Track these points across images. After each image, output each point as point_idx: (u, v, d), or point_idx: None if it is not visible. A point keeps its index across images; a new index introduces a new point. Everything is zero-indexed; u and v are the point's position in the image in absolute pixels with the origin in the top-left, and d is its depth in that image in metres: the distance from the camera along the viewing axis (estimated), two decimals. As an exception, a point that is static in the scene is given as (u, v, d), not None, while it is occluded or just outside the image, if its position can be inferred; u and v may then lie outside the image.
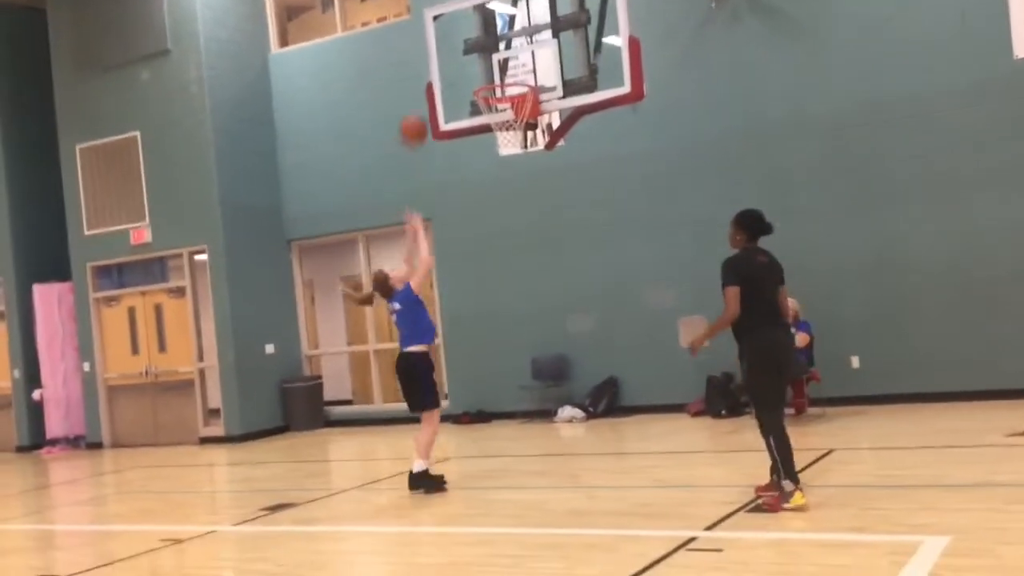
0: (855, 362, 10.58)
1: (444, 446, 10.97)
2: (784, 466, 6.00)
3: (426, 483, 7.71)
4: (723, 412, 10.79)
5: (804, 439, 8.66)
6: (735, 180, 11.11)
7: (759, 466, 6.48)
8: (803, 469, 7.13)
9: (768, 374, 6.20)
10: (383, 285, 7.97)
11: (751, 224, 6.36)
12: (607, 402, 11.90)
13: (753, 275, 6.22)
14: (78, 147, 14.43)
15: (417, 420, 8.04)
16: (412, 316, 7.83)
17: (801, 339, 10.01)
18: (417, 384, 7.81)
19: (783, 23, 11.00)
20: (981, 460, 7.27)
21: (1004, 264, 9.95)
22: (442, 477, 7.93)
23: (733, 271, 6.20)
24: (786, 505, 5.90)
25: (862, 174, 10.61)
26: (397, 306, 7.85)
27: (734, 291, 6.14)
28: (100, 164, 14.31)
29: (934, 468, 7.16)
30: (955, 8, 10.14)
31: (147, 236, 13.98)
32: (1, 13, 15.05)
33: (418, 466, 7.74)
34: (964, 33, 10.10)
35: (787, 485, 5.96)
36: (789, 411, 9.86)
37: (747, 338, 6.23)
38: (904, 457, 7.75)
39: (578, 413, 11.82)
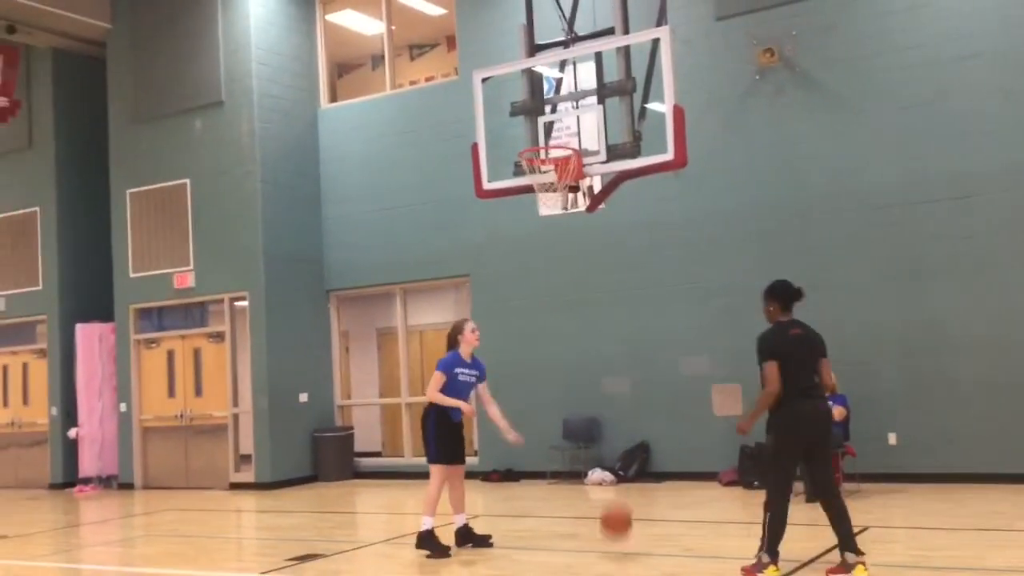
0: (892, 439, 10.44)
1: (473, 504, 10.91)
2: (769, 542, 6.17)
3: (429, 545, 7.65)
4: (755, 483, 10.65)
5: (838, 514, 8.54)
6: (773, 250, 11.13)
7: (790, 540, 6.39)
8: (836, 546, 7.03)
9: (788, 453, 6.27)
10: (452, 337, 7.97)
11: (781, 294, 6.44)
12: (638, 467, 11.80)
13: (785, 348, 6.26)
14: (128, 192, 14.79)
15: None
16: None
17: (838, 413, 9.88)
18: (427, 436, 7.83)
19: (826, 97, 11.09)
20: (1018, 544, 7.12)
21: (1046, 345, 9.83)
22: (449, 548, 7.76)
23: (767, 346, 6.28)
24: (758, 575, 6.14)
25: (901, 250, 10.58)
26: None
27: (772, 367, 6.19)
28: (149, 209, 14.64)
29: (971, 551, 7.02)
30: (999, 88, 10.17)
31: (190, 281, 14.22)
32: (63, 60, 15.57)
33: (425, 524, 7.70)
34: (1007, 113, 10.12)
35: (763, 557, 6.16)
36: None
37: (777, 412, 6.25)
38: (940, 538, 7.60)
39: (608, 476, 11.73)
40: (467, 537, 7.95)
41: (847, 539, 6.15)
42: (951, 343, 10.29)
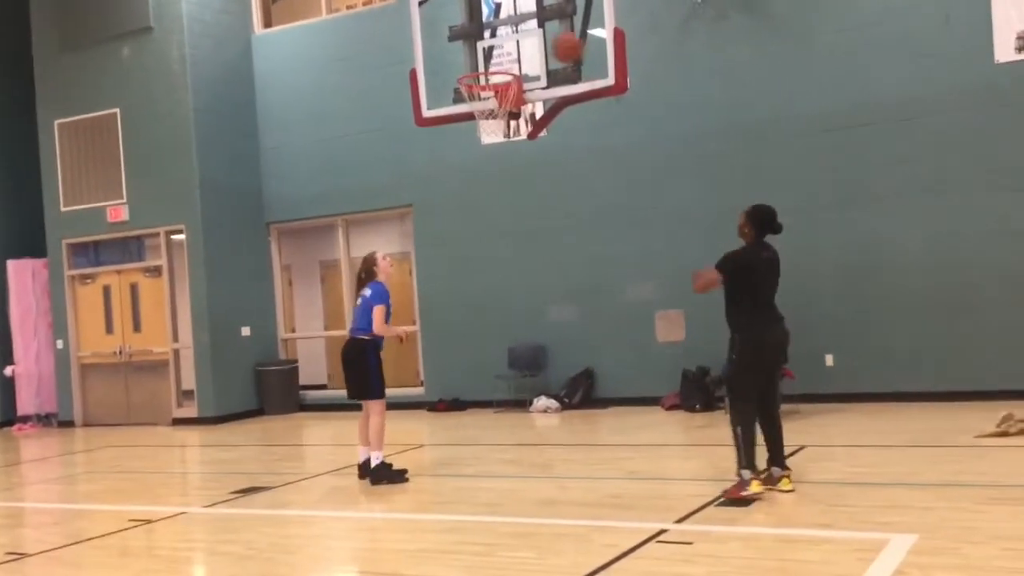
0: (829, 360, 10.66)
1: (418, 433, 10.98)
2: (745, 455, 6.20)
3: (388, 475, 7.65)
4: (697, 407, 10.84)
5: (777, 435, 8.73)
6: (716, 176, 11.16)
7: (728, 459, 6.52)
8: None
9: (752, 371, 6.30)
10: (368, 269, 7.91)
11: (761, 220, 6.37)
12: (582, 393, 11.92)
13: (754, 267, 6.26)
14: (56, 122, 14.28)
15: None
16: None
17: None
18: (364, 371, 7.72)
19: (768, 22, 11.02)
20: (950, 460, 7.35)
21: (979, 267, 10.04)
22: (405, 470, 7.82)
23: (729, 260, 6.29)
24: (744, 493, 6.14)
25: (842, 174, 10.66)
26: (368, 292, 7.81)
27: (715, 276, 6.28)
28: (78, 140, 14.16)
29: (904, 466, 7.24)
30: (939, 12, 10.19)
31: (124, 214, 13.86)
32: (-19, -16, 14.86)
33: (375, 458, 7.66)
34: (948, 37, 10.16)
35: (745, 474, 6.20)
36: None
37: (742, 333, 6.28)
38: (875, 455, 7.82)
39: (553, 404, 11.84)
40: (367, 471, 7.83)
41: (778, 455, 6.40)
42: (888, 265, 10.46)
